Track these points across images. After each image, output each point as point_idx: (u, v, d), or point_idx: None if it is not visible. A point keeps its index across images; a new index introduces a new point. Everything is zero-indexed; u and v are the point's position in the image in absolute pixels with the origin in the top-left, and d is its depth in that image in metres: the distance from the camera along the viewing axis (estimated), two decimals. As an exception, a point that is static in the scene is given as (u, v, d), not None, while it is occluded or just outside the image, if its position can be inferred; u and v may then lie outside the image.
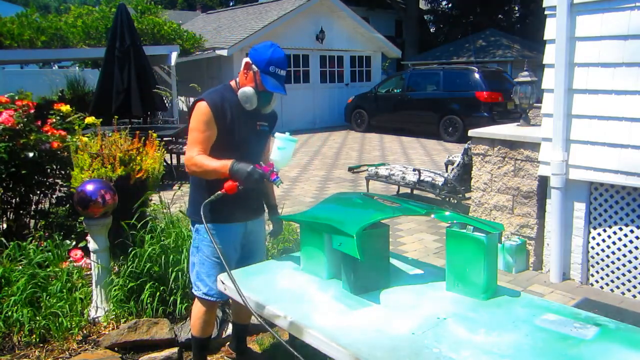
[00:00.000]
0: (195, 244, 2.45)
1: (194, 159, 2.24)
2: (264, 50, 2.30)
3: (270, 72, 2.27)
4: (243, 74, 2.33)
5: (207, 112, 2.26)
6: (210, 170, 2.21)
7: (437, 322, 1.64)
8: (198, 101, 2.30)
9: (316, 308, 1.81)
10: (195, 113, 2.29)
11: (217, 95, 2.33)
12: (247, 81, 2.32)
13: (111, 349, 2.87)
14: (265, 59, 2.27)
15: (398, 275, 2.05)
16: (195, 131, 2.28)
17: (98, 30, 11.48)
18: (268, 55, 2.28)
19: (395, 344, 1.52)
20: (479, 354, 1.45)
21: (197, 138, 2.27)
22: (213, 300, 2.44)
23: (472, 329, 1.59)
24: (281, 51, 2.31)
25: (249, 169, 2.11)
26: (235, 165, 2.14)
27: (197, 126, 2.28)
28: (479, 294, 1.79)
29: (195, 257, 2.45)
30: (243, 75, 2.34)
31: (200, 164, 2.22)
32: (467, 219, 1.91)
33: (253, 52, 2.31)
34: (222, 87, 2.40)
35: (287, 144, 2.20)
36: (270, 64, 2.27)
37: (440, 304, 1.78)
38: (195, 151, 2.25)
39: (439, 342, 1.52)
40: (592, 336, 1.53)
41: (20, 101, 3.91)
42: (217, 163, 2.19)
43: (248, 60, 2.32)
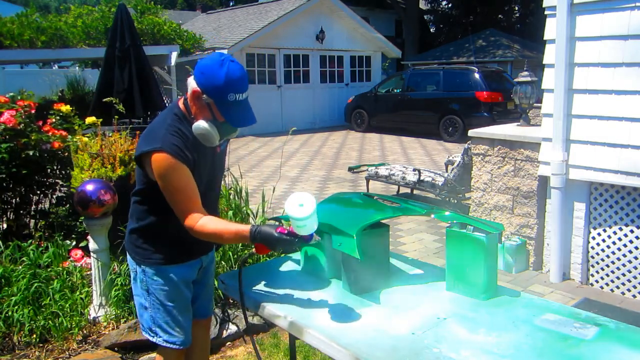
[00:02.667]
0: (142, 285, 1.99)
1: (195, 227, 1.79)
2: (213, 71, 1.74)
3: (229, 102, 1.75)
4: (195, 106, 1.84)
5: (176, 164, 1.76)
6: (225, 241, 2.10)
7: (437, 322, 1.64)
8: (155, 152, 1.76)
9: (316, 308, 1.81)
10: (163, 171, 1.77)
11: (175, 138, 1.80)
12: (199, 112, 1.82)
13: (111, 349, 2.87)
14: (219, 86, 1.73)
15: (398, 275, 2.05)
16: (174, 193, 1.79)
17: (98, 30, 11.48)
18: (221, 79, 1.72)
19: (395, 344, 1.52)
20: (479, 354, 1.45)
21: (185, 200, 1.79)
22: (177, 348, 2.02)
23: (472, 329, 1.59)
24: (236, 67, 1.76)
25: (274, 237, 1.71)
26: (256, 234, 1.72)
27: (177, 183, 1.77)
28: (479, 294, 1.79)
29: (146, 300, 2.00)
30: (192, 103, 1.84)
31: (208, 234, 1.79)
32: (467, 219, 1.91)
33: (200, 76, 1.77)
34: (171, 118, 1.85)
35: (307, 220, 1.68)
36: (227, 91, 1.73)
37: (440, 304, 1.78)
38: (190, 219, 1.79)
39: (439, 342, 1.52)
40: (592, 336, 1.53)
41: (21, 101, 3.91)
42: (230, 231, 1.79)
43: (195, 87, 1.78)
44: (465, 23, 25.04)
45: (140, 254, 1.98)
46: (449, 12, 27.93)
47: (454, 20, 27.32)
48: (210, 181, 2.00)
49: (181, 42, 12.65)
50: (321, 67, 15.44)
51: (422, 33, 25.89)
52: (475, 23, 23.73)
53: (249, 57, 13.88)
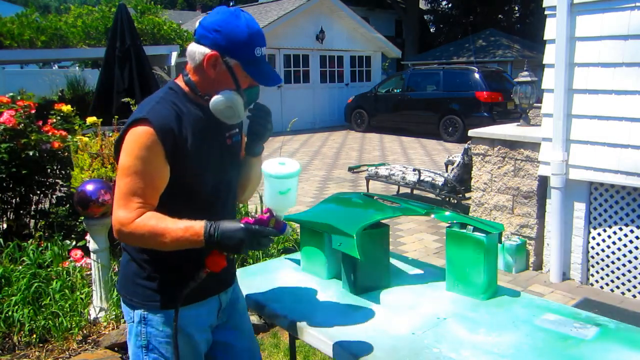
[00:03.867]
0: (140, 340, 1.50)
1: (131, 223, 1.33)
2: (231, 25, 1.40)
3: (257, 60, 1.43)
4: (204, 71, 1.43)
5: (153, 142, 1.35)
6: (168, 241, 1.32)
7: (437, 322, 1.64)
8: (133, 125, 1.38)
9: (316, 308, 1.81)
10: (129, 145, 1.36)
11: (167, 111, 1.40)
12: (217, 81, 1.44)
13: (111, 349, 2.87)
14: (244, 41, 1.40)
15: (398, 275, 2.05)
16: (129, 175, 1.35)
17: (98, 30, 11.48)
18: (244, 32, 1.40)
19: (395, 344, 1.52)
20: (479, 354, 1.45)
21: (134, 187, 1.34)
22: None
23: (472, 329, 1.59)
24: (251, 16, 1.45)
25: (241, 228, 1.30)
26: (213, 230, 1.30)
27: (133, 166, 1.35)
28: (479, 294, 1.79)
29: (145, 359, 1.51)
30: (204, 74, 1.44)
31: (147, 231, 1.32)
32: (467, 219, 1.91)
33: (214, 35, 1.40)
34: (165, 92, 1.48)
35: (286, 182, 1.37)
36: (253, 45, 1.41)
37: (440, 304, 1.78)
38: (131, 208, 1.34)
39: (439, 342, 1.52)
40: (592, 336, 1.53)
41: (21, 101, 3.91)
42: (177, 226, 1.32)
43: (208, 51, 1.40)
44: (465, 23, 25.04)
45: (140, 295, 1.49)
46: (449, 12, 27.93)
47: (454, 20, 27.33)
48: (220, 184, 1.52)
49: (181, 42, 12.65)
50: (321, 67, 15.45)
51: (422, 33, 25.90)
52: (475, 23, 23.73)
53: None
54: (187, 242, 1.32)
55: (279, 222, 1.37)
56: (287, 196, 1.38)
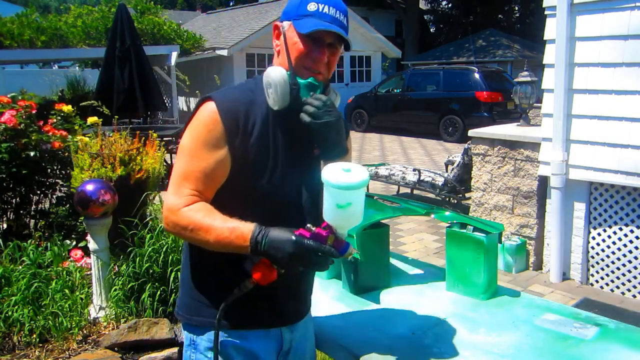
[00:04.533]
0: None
1: (178, 211, 1.20)
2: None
3: (309, 13, 1.26)
4: (275, 52, 1.34)
5: (214, 122, 1.21)
6: (212, 240, 1.17)
7: (437, 322, 1.64)
8: (200, 103, 1.27)
9: (316, 308, 1.81)
10: (192, 123, 1.26)
11: (239, 94, 1.30)
12: (280, 58, 1.31)
13: (111, 349, 2.87)
14: (296, 3, 1.30)
15: (398, 275, 2.05)
16: (185, 156, 1.24)
17: (98, 30, 11.48)
18: None
19: (395, 344, 1.52)
20: (479, 354, 1.45)
21: (188, 170, 1.22)
22: None
23: (472, 329, 1.59)
24: None
25: (291, 240, 1.11)
26: (260, 236, 1.13)
27: (190, 146, 1.23)
28: (479, 294, 1.79)
29: None
30: (276, 56, 1.34)
31: (191, 223, 1.18)
32: (467, 219, 1.91)
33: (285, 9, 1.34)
34: (247, 81, 1.39)
35: (346, 194, 1.13)
36: (307, 1, 1.28)
37: (440, 304, 1.78)
38: (182, 194, 1.21)
39: (439, 342, 1.52)
40: (592, 336, 1.53)
41: (22, 101, 3.91)
42: (225, 225, 1.16)
43: (276, 22, 1.34)
44: (465, 23, 25.04)
45: (186, 309, 1.33)
46: (449, 12, 27.93)
47: (454, 20, 27.32)
48: (298, 194, 1.31)
49: (181, 42, 12.66)
50: (321, 67, 15.44)
51: (422, 33, 25.89)
52: (475, 23, 23.73)
53: (249, 57, 13.88)
54: (231, 245, 1.16)
55: (340, 240, 1.15)
56: (346, 211, 1.13)
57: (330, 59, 1.32)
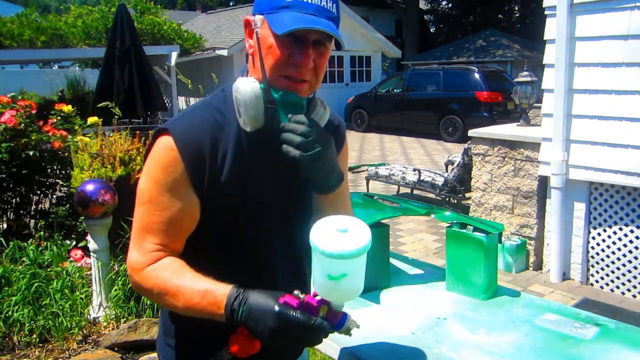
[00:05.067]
0: None
1: (142, 270, 1.01)
2: None
3: (285, 4, 0.99)
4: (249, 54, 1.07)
5: (173, 161, 1.00)
6: (181, 306, 0.97)
7: (437, 322, 1.64)
8: (155, 136, 1.05)
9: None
10: (147, 163, 1.05)
11: (202, 119, 1.04)
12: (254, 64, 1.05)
13: (111, 349, 2.87)
14: None
15: (398, 275, 2.05)
16: (144, 203, 1.03)
17: (98, 30, 11.49)
18: None
19: (395, 344, 1.52)
20: (479, 354, 1.45)
21: (149, 220, 1.02)
22: None
23: (472, 329, 1.59)
24: None
25: (273, 312, 0.90)
26: (237, 304, 0.92)
27: (149, 191, 1.03)
28: (479, 294, 1.79)
29: None
30: (250, 60, 1.07)
31: (156, 285, 0.99)
32: (467, 219, 1.91)
33: None
34: (213, 96, 1.11)
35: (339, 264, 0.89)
36: None
37: (440, 304, 1.77)
38: (144, 249, 1.02)
39: (439, 342, 1.52)
40: (592, 336, 1.53)
41: (22, 101, 3.92)
42: (195, 288, 0.96)
43: (247, 17, 1.06)
44: (465, 23, 25.04)
45: (163, 355, 1.18)
46: (449, 12, 27.93)
47: (454, 20, 27.32)
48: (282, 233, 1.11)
49: (181, 42, 12.66)
50: (321, 67, 15.44)
51: (422, 33, 25.89)
52: (475, 23, 23.73)
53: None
54: (204, 312, 0.95)
55: (334, 312, 0.94)
56: (340, 284, 0.90)
57: (318, 61, 1.02)
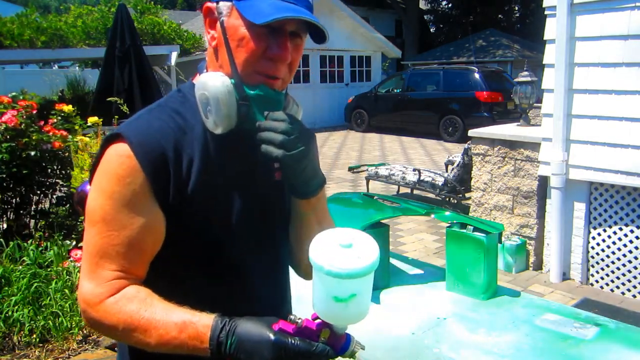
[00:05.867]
0: None
1: (99, 304, 0.85)
2: None
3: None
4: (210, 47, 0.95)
5: (131, 171, 0.86)
6: (154, 343, 0.83)
7: (437, 322, 1.64)
8: (105, 144, 0.90)
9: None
10: (98, 176, 0.90)
11: (160, 122, 0.92)
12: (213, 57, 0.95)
13: (111, 349, 2.87)
14: None
15: (398, 275, 2.05)
16: (96, 223, 0.87)
17: (98, 30, 11.48)
18: None
19: (395, 344, 1.52)
20: (479, 354, 1.45)
21: (104, 243, 0.86)
22: None
23: (472, 329, 1.59)
24: None
25: (269, 341, 0.80)
26: (226, 334, 0.81)
27: (102, 209, 0.87)
28: (479, 294, 1.79)
29: None
30: (208, 49, 0.97)
31: (122, 321, 0.84)
32: (467, 219, 1.91)
33: None
34: (168, 97, 0.99)
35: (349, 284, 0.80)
36: None
37: (440, 304, 1.78)
38: (101, 279, 0.86)
39: (439, 342, 1.52)
40: (592, 336, 1.53)
41: (23, 101, 3.92)
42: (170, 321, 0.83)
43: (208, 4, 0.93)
44: (465, 23, 25.03)
45: None
46: (449, 12, 27.92)
47: (454, 20, 27.31)
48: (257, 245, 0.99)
49: (181, 42, 12.65)
50: (321, 67, 15.45)
51: (422, 33, 25.88)
52: (475, 23, 23.72)
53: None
54: (183, 346, 0.82)
55: (336, 335, 0.83)
56: (348, 306, 0.80)
57: (293, 55, 0.92)
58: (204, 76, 0.91)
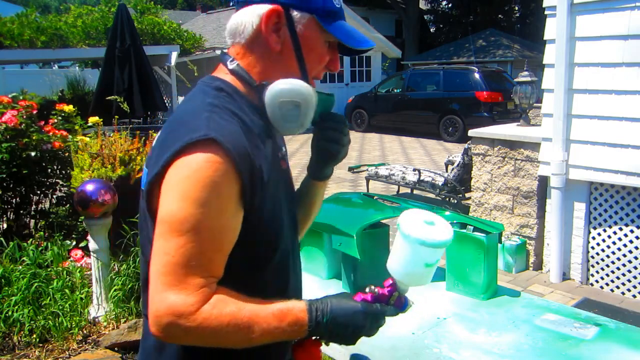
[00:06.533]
0: None
1: (196, 313, 0.83)
2: None
3: (336, 10, 0.98)
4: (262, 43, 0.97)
5: (229, 175, 0.86)
6: (257, 337, 0.87)
7: (437, 322, 1.64)
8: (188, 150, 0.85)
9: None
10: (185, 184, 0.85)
11: (231, 123, 0.90)
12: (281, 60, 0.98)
13: (111, 349, 2.87)
14: None
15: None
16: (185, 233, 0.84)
17: (98, 30, 11.48)
18: None
19: (395, 344, 1.52)
20: (479, 354, 1.45)
21: (195, 252, 0.84)
22: None
23: (472, 329, 1.59)
24: None
25: (360, 312, 0.93)
26: (320, 315, 0.90)
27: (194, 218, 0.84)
28: (479, 294, 1.79)
29: None
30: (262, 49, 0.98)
31: (224, 324, 0.84)
32: (467, 219, 1.91)
33: None
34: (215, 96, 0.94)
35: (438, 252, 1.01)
36: None
37: (440, 304, 1.78)
38: (192, 287, 0.84)
39: (439, 342, 1.52)
40: (592, 336, 1.53)
41: (24, 101, 3.92)
42: (268, 313, 0.88)
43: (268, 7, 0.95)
44: (465, 23, 25.03)
45: None
46: (449, 12, 27.92)
47: (454, 20, 27.31)
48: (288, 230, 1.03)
49: (181, 42, 12.65)
50: (321, 67, 15.43)
51: (422, 33, 25.88)
52: (475, 23, 23.72)
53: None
54: (283, 334, 0.88)
55: (401, 297, 1.02)
56: (432, 269, 1.03)
57: None
58: (291, 82, 0.94)
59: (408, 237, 0.98)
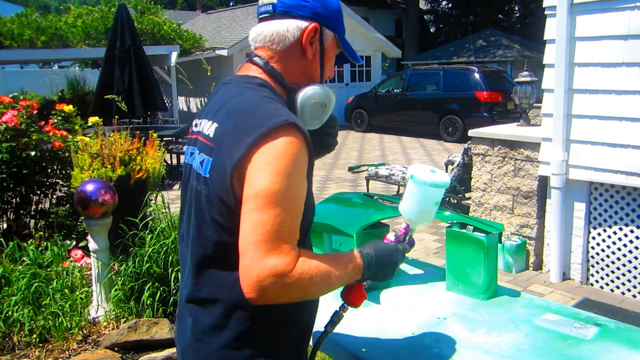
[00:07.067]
0: None
1: (293, 271, 0.98)
2: None
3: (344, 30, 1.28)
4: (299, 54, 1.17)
5: (305, 154, 1.04)
6: (336, 284, 1.08)
7: (437, 322, 1.64)
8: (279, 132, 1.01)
9: (316, 308, 1.80)
10: (278, 160, 0.99)
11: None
12: (309, 69, 1.19)
13: (111, 349, 2.87)
14: (338, 9, 1.23)
15: (398, 275, 2.04)
16: (280, 203, 0.98)
17: (98, 30, 11.48)
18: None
19: (395, 344, 1.52)
20: (479, 354, 1.45)
21: (286, 220, 0.99)
22: None
23: (472, 329, 1.59)
24: None
25: (395, 253, 1.19)
26: (369, 259, 1.13)
27: (286, 190, 0.99)
28: (479, 294, 1.79)
29: None
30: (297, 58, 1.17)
31: (313, 275, 1.01)
32: (467, 219, 1.91)
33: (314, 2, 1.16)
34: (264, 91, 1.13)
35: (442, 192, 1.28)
36: (341, 15, 1.26)
37: (440, 304, 1.78)
38: (286, 251, 0.98)
39: (439, 342, 1.52)
40: (592, 336, 1.53)
41: (24, 101, 3.92)
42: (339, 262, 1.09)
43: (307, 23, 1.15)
44: (465, 23, 25.04)
45: None
46: (449, 12, 27.93)
47: (454, 20, 27.32)
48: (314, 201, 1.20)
49: (181, 42, 12.65)
50: (321, 67, 15.43)
51: (422, 33, 25.89)
52: (475, 23, 23.73)
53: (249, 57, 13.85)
54: (349, 278, 1.12)
55: (411, 237, 1.28)
56: (437, 208, 1.30)
57: None
58: (319, 86, 1.18)
59: (423, 182, 1.23)
